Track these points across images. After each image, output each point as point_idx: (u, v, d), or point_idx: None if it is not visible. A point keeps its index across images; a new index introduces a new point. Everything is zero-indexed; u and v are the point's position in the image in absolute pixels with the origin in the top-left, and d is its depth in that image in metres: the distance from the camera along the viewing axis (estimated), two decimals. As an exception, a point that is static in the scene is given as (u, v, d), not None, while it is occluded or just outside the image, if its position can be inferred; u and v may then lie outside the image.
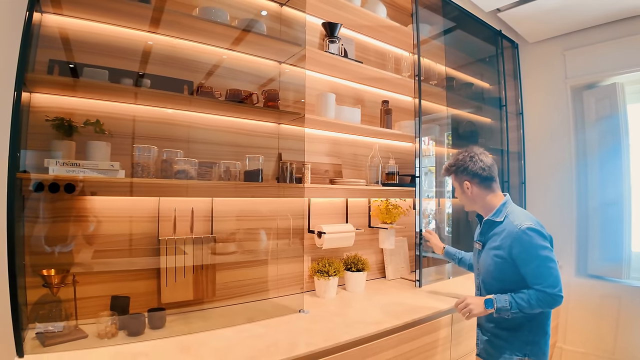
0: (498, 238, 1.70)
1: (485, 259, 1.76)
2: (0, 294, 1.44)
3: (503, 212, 1.73)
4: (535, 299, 1.58)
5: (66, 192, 1.54)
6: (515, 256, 1.62)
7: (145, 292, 1.79)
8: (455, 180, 1.85)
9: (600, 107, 3.29)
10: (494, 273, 1.71)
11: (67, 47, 1.68)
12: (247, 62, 2.13)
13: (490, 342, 1.77)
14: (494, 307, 1.63)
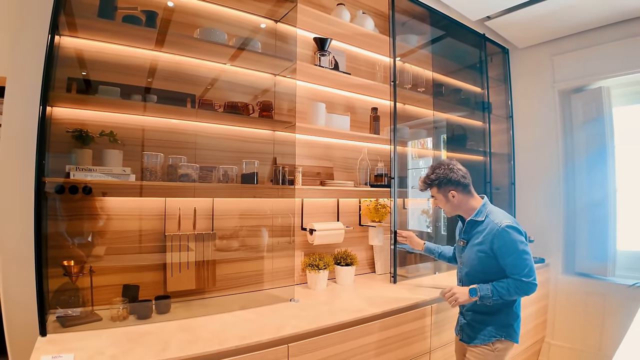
0: (480, 235, 1.93)
1: (470, 254, 1.98)
2: (27, 282, 1.71)
3: (483, 213, 1.96)
4: (513, 287, 1.82)
5: (84, 193, 1.80)
6: (496, 250, 1.86)
7: (153, 282, 2.04)
8: (438, 192, 2.03)
9: (587, 110, 3.44)
10: (478, 266, 1.94)
11: (83, 66, 1.93)
12: (245, 75, 2.37)
13: (470, 326, 1.99)
14: (477, 295, 1.86)
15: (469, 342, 1.99)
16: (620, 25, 3.21)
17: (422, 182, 2.07)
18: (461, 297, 1.89)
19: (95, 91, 1.85)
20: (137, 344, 1.52)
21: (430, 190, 2.05)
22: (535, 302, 3.38)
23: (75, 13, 1.80)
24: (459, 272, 2.12)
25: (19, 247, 1.74)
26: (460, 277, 2.10)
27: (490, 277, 1.90)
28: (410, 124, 3.04)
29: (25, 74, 1.78)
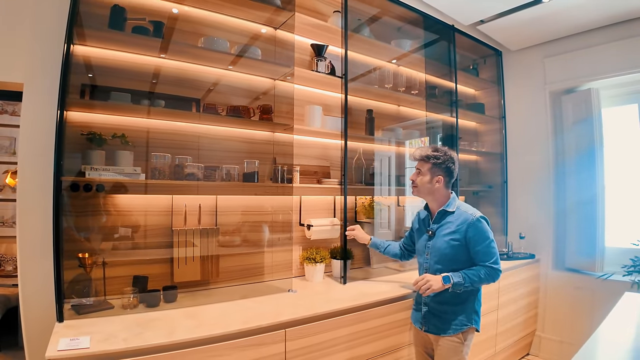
0: (453, 225, 2.02)
1: (440, 243, 2.04)
2: (44, 273, 1.85)
3: (453, 205, 2.07)
4: (483, 274, 1.94)
5: (97, 191, 1.95)
6: (469, 238, 1.96)
7: (161, 273, 2.19)
8: (429, 170, 2.06)
9: (577, 111, 3.54)
10: (450, 255, 2.01)
11: (96, 73, 2.08)
12: (246, 79, 2.51)
13: (438, 317, 2.04)
14: (451, 282, 1.92)
15: (439, 332, 2.03)
16: (609, 29, 3.30)
17: (421, 155, 2.09)
18: (435, 284, 1.94)
19: (108, 96, 2.00)
20: (147, 328, 1.67)
21: (423, 164, 2.08)
22: (526, 297, 3.50)
23: (88, 24, 1.96)
24: (425, 262, 2.14)
25: (37, 241, 1.90)
26: (427, 267, 2.12)
27: (460, 266, 1.99)
28: (403, 125, 3.18)
29: (41, 81, 1.92)
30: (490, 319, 3.03)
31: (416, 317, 2.17)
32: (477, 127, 4.09)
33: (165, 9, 2.23)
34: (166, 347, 1.53)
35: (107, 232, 2.09)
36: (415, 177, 2.12)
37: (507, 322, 3.23)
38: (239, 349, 1.70)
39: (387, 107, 3.25)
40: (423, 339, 2.17)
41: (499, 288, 3.07)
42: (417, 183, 2.11)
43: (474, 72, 3.81)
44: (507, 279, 3.16)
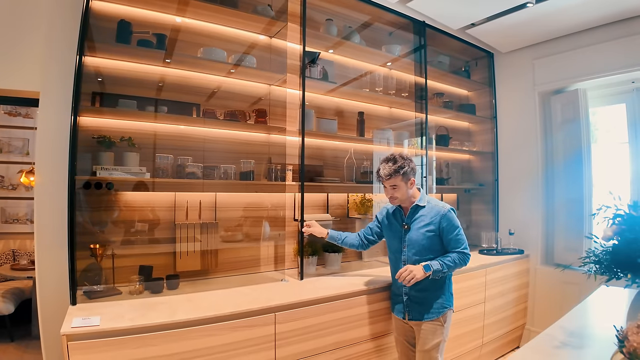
0: (426, 218, 2.23)
1: (416, 235, 2.24)
2: (61, 262, 2.09)
3: (424, 199, 2.29)
4: (457, 259, 2.18)
5: (107, 189, 2.19)
6: (443, 228, 2.20)
7: (165, 263, 2.43)
8: (401, 180, 2.19)
9: (565, 111, 3.70)
10: (426, 245, 2.21)
11: (105, 82, 2.32)
12: (243, 86, 2.74)
13: (420, 303, 2.23)
14: (431, 270, 2.12)
15: (421, 318, 2.22)
16: (596, 30, 3.44)
17: (389, 172, 2.17)
18: (418, 273, 2.11)
19: (116, 103, 2.24)
20: (151, 310, 1.91)
21: (394, 179, 2.18)
22: (516, 290, 3.68)
23: (97, 38, 2.20)
24: (403, 255, 2.28)
25: (52, 234, 2.14)
26: (405, 259, 2.27)
27: (435, 254, 2.20)
28: (394, 126, 3.38)
29: (55, 90, 2.16)
30: (477, 311, 3.22)
31: (398, 308, 2.34)
32: (469, 127, 4.27)
33: (168, 21, 2.46)
34: (166, 326, 1.76)
35: (116, 226, 2.34)
36: (393, 193, 2.23)
37: (495, 314, 3.41)
38: (231, 329, 1.92)
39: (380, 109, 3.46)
40: (404, 328, 2.36)
41: (485, 282, 3.26)
42: (396, 196, 2.23)
43: (465, 74, 3.99)
44: (494, 273, 3.35)
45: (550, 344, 1.65)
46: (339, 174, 3.13)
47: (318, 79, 2.86)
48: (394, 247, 2.36)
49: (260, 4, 2.66)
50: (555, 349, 1.59)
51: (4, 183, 4.73)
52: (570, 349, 1.59)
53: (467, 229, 4.15)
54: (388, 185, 2.22)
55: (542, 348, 1.62)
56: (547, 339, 1.71)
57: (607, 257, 1.59)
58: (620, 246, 1.52)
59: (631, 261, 1.46)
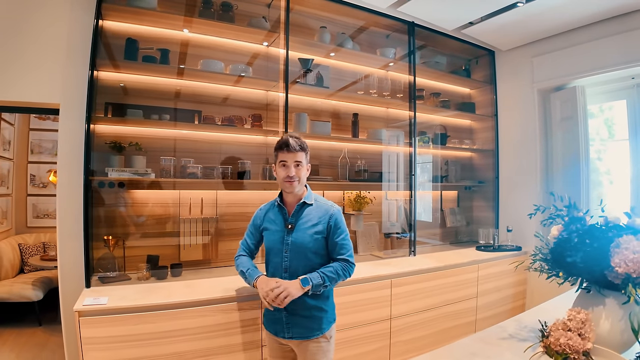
0: (314, 218, 1.98)
1: (302, 237, 1.95)
2: (78, 251, 2.49)
3: (312, 197, 2.05)
4: (340, 269, 1.94)
5: (119, 187, 2.59)
6: (330, 230, 1.96)
7: (170, 253, 2.81)
8: (305, 159, 1.99)
9: (564, 109, 3.82)
10: (312, 249, 1.95)
11: (116, 93, 2.71)
12: (241, 92, 3.07)
13: (305, 321, 1.95)
14: (310, 284, 1.85)
15: (306, 336, 1.96)
16: (593, 27, 3.53)
17: (300, 144, 1.97)
18: (293, 290, 1.84)
19: (125, 112, 2.62)
20: (152, 293, 2.27)
21: (302, 154, 1.97)
22: (513, 287, 3.85)
23: (107, 55, 2.60)
24: (284, 260, 1.97)
25: (72, 227, 2.52)
26: (286, 267, 1.96)
27: (321, 260, 1.98)
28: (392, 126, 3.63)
29: (72, 101, 2.52)
30: (469, 306, 3.43)
31: (276, 328, 2.01)
32: (471, 124, 4.45)
33: (171, 36, 2.82)
34: (163, 306, 2.12)
35: (126, 220, 2.73)
36: (297, 172, 1.95)
37: (489, 309, 3.60)
38: (222, 311, 2.26)
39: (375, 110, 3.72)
40: (282, 349, 2.08)
41: (477, 277, 3.47)
42: (300, 176, 1.96)
43: (465, 73, 4.17)
44: (487, 269, 3.55)
45: (498, 335, 1.76)
46: (333, 172, 3.41)
47: (312, 84, 3.16)
48: (274, 251, 2.02)
49: (255, 16, 2.98)
50: (499, 340, 1.70)
51: (35, 181, 5.30)
52: (515, 340, 1.69)
53: (468, 225, 4.35)
54: (292, 162, 1.93)
55: (488, 338, 1.73)
56: (498, 331, 1.81)
57: (549, 255, 1.75)
58: (556, 245, 1.70)
59: (562, 259, 1.63)
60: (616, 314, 1.49)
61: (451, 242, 4.27)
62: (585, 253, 1.54)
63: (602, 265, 1.49)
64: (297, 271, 1.93)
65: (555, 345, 1.40)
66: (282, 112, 2.93)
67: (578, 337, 1.38)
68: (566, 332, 1.41)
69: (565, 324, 1.46)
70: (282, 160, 1.95)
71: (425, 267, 3.15)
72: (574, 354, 1.36)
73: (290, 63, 3.02)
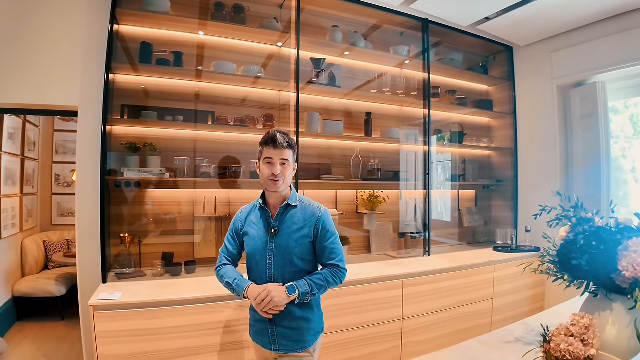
0: (299, 221, 1.82)
1: (287, 242, 1.80)
2: (95, 248, 2.59)
3: (296, 198, 1.88)
4: (330, 276, 1.80)
5: (134, 187, 2.69)
6: (318, 233, 1.81)
7: (184, 251, 2.90)
8: (292, 157, 1.84)
9: (584, 105, 3.72)
10: (298, 254, 1.80)
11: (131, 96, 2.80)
12: (253, 93, 3.14)
13: (293, 331, 1.81)
14: (297, 292, 1.71)
15: (295, 349, 1.82)
16: (613, 20, 3.42)
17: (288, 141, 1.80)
18: (278, 297, 1.70)
19: (140, 114, 2.71)
20: (164, 289, 2.36)
21: (289, 152, 1.81)
22: (531, 288, 3.79)
23: (124, 59, 2.71)
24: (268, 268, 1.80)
25: (90, 224, 2.63)
26: (270, 275, 1.80)
27: (308, 266, 1.84)
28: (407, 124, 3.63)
29: (90, 104, 2.63)
30: (484, 307, 3.41)
31: (263, 341, 1.87)
32: (489, 122, 4.39)
33: (184, 39, 2.90)
34: (175, 302, 2.21)
35: (142, 218, 2.83)
36: (282, 171, 1.79)
37: (506, 311, 3.56)
38: (232, 308, 2.33)
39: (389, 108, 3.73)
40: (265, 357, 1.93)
41: (494, 278, 3.44)
42: (285, 175, 1.81)
43: (482, 69, 4.12)
44: (504, 270, 3.50)
45: (503, 338, 1.74)
46: (346, 171, 3.44)
47: (324, 84, 3.19)
48: (256, 258, 1.85)
49: (267, 17, 3.03)
50: (504, 344, 1.68)
51: (59, 181, 5.51)
52: (520, 344, 1.66)
53: (485, 225, 4.30)
54: (278, 159, 1.78)
55: (492, 341, 1.72)
56: (503, 334, 1.79)
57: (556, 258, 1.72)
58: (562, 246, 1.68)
59: (568, 262, 1.61)
60: (623, 319, 1.46)
61: (468, 242, 4.23)
62: (591, 256, 1.52)
63: (608, 269, 1.47)
64: (282, 279, 1.79)
65: (555, 351, 1.39)
66: (294, 111, 2.98)
67: (580, 344, 1.36)
68: (568, 337, 1.40)
69: (568, 329, 1.44)
70: (268, 157, 1.79)
71: (439, 268, 3.14)
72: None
73: (302, 63, 3.06)
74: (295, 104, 2.96)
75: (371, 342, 2.81)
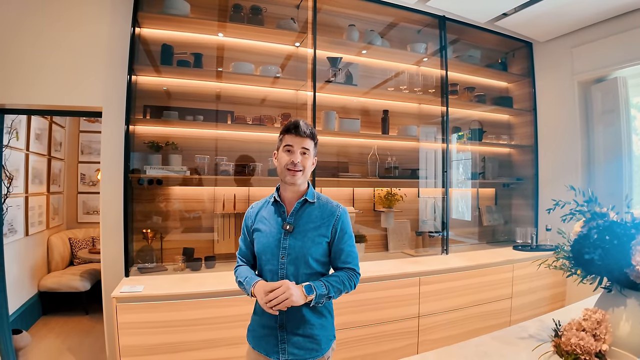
0: (316, 219, 1.70)
1: (303, 242, 1.66)
2: (118, 243, 2.71)
3: (313, 194, 1.75)
4: (347, 279, 1.67)
5: (157, 184, 2.80)
6: (336, 233, 1.69)
7: (204, 246, 3.00)
8: (313, 149, 1.72)
9: (605, 101, 3.67)
10: (315, 254, 1.67)
11: (153, 96, 2.91)
12: (271, 93, 3.22)
13: (307, 338, 1.67)
14: (314, 294, 1.58)
15: (306, 358, 1.66)
16: (634, 14, 3.35)
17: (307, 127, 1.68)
18: (297, 297, 1.54)
19: (161, 114, 2.82)
20: (185, 282, 2.46)
21: (310, 142, 1.69)
22: (551, 288, 3.75)
23: (146, 61, 2.82)
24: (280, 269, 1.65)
25: (114, 220, 2.75)
26: (282, 275, 1.65)
27: (321, 269, 1.71)
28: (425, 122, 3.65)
29: (113, 105, 2.77)
30: (503, 307, 3.39)
31: (266, 345, 1.68)
32: (509, 119, 4.36)
33: (203, 41, 3.00)
34: (194, 295, 2.30)
35: (164, 214, 2.94)
36: (302, 160, 1.67)
37: (525, 311, 3.54)
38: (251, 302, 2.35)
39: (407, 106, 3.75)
40: None
41: (512, 277, 3.42)
42: (305, 166, 1.68)
43: (501, 66, 4.10)
44: (523, 269, 3.48)
45: (518, 334, 1.74)
46: (363, 169, 3.49)
47: (340, 82, 3.24)
48: (267, 257, 1.69)
49: (284, 18, 3.10)
50: (518, 339, 1.69)
51: (85, 180, 5.72)
52: (534, 341, 1.66)
53: (505, 224, 4.28)
54: (299, 148, 1.66)
55: (506, 337, 1.72)
56: (518, 330, 1.79)
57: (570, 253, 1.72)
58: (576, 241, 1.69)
59: (581, 256, 1.63)
60: (637, 315, 1.46)
61: (488, 241, 4.21)
62: (604, 250, 1.53)
63: (621, 264, 1.48)
64: (295, 281, 1.63)
65: (566, 345, 1.41)
66: (310, 110, 3.04)
67: (591, 338, 1.38)
68: (579, 332, 1.41)
69: (580, 323, 1.46)
70: (288, 145, 1.66)
71: (456, 266, 3.16)
72: (585, 355, 1.36)
73: (319, 62, 3.12)
74: (312, 103, 3.03)
75: (388, 339, 2.85)
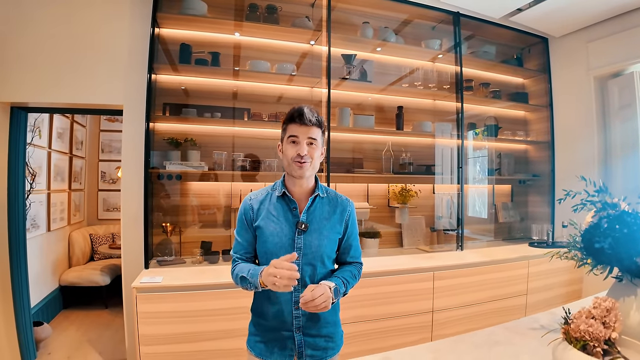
0: (328, 214, 1.61)
1: (319, 239, 1.56)
2: (138, 237, 2.81)
3: (322, 188, 1.65)
4: (357, 273, 1.65)
5: (176, 179, 2.91)
6: (347, 228, 1.65)
7: (222, 240, 3.09)
8: (321, 138, 1.58)
9: (622, 96, 3.65)
10: (329, 252, 1.60)
11: (172, 94, 3.02)
12: (287, 90, 3.31)
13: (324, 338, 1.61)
14: (338, 293, 1.51)
15: (324, 358, 1.61)
16: None
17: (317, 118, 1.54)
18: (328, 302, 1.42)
19: (180, 112, 2.93)
20: (203, 274, 2.55)
21: (317, 130, 1.54)
22: (567, 285, 3.73)
23: (165, 60, 2.94)
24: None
25: (135, 214, 2.85)
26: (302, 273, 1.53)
27: (332, 266, 1.65)
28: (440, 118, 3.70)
29: (134, 103, 2.86)
30: (517, 303, 3.41)
31: (281, 354, 1.56)
32: (525, 115, 4.36)
33: (221, 40, 3.11)
34: (211, 286, 2.39)
35: (183, 209, 3.05)
36: (309, 151, 1.53)
37: (540, 307, 3.52)
38: (266, 294, 2.49)
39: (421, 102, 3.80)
40: None
41: (528, 273, 3.43)
42: (313, 157, 1.54)
43: (516, 62, 4.11)
44: (538, 266, 3.48)
45: (529, 325, 1.77)
46: (377, 165, 3.54)
47: (355, 79, 3.31)
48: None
49: (299, 16, 3.18)
50: (529, 330, 1.72)
51: (105, 178, 5.90)
52: (545, 331, 1.68)
53: (522, 221, 4.28)
54: (304, 138, 1.52)
55: (517, 328, 1.76)
56: (529, 321, 1.82)
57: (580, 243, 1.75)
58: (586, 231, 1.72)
59: (591, 245, 1.66)
60: (647, 305, 1.50)
61: (504, 238, 4.22)
62: (614, 239, 1.56)
63: (631, 253, 1.51)
64: (311, 282, 1.54)
65: (575, 331, 1.44)
66: (325, 107, 3.11)
67: (600, 325, 1.41)
68: (589, 319, 1.45)
69: (589, 312, 1.49)
70: (292, 135, 1.52)
71: (470, 261, 3.19)
72: (593, 342, 1.39)
73: (334, 60, 3.19)
74: (327, 100, 3.10)
75: (401, 333, 2.90)
